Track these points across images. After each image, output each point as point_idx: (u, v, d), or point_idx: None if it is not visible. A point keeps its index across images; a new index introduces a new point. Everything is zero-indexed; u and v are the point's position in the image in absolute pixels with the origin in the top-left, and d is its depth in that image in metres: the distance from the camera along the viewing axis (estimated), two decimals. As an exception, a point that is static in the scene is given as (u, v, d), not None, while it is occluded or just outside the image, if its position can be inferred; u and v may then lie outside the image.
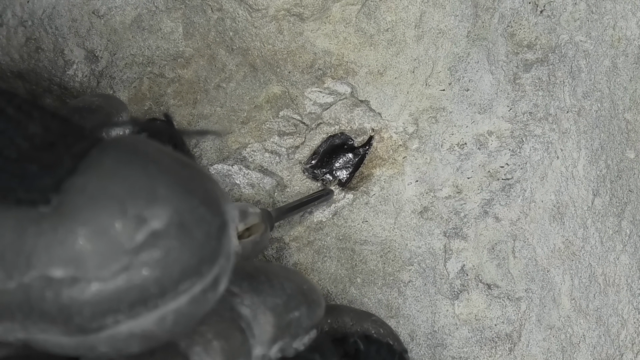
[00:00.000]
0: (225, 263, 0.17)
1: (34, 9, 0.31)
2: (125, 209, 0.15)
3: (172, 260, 0.15)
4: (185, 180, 0.16)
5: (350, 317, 0.27)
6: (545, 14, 0.35)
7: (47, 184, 0.15)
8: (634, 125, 0.35)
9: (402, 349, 0.27)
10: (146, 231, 0.15)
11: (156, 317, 0.16)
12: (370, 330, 0.27)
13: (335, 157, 0.34)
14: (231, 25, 0.32)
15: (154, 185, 0.16)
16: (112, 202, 0.15)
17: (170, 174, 0.16)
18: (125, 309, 0.15)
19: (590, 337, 0.35)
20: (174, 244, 0.16)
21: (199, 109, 0.33)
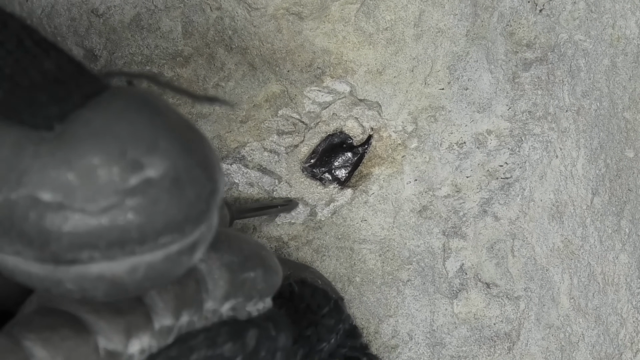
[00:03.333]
0: (206, 231, 0.17)
1: (33, 8, 0.31)
2: (124, 151, 0.15)
3: (159, 211, 0.16)
4: (187, 139, 0.17)
5: (288, 266, 0.27)
6: (544, 12, 0.34)
7: (53, 113, 0.15)
8: (633, 124, 0.35)
9: (338, 297, 0.27)
10: (140, 176, 0.15)
11: (129, 265, 0.16)
12: (307, 278, 0.27)
13: (334, 156, 0.34)
14: (230, 24, 0.32)
15: (157, 136, 0.16)
16: (113, 140, 0.15)
17: (174, 130, 0.16)
18: (102, 247, 0.15)
19: (589, 336, 0.35)
20: (165, 195, 0.16)
21: (198, 108, 0.33)
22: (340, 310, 0.26)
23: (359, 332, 0.27)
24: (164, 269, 0.17)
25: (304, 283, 0.26)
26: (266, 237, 0.34)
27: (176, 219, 0.16)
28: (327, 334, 0.25)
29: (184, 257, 0.17)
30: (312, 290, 0.26)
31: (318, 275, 0.27)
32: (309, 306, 0.25)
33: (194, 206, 0.16)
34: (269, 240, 0.34)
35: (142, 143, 0.16)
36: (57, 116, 0.15)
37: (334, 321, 0.25)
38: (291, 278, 0.26)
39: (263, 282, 0.21)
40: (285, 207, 0.32)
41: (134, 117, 0.16)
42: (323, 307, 0.25)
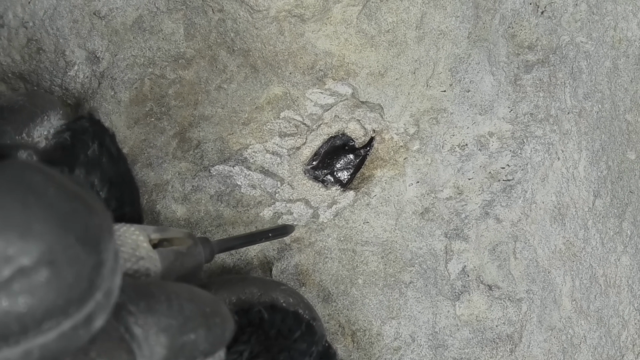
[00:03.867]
0: (102, 299, 0.16)
1: (35, 10, 0.31)
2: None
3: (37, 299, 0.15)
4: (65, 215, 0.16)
5: (257, 287, 0.26)
6: (546, 15, 0.35)
7: None
8: (634, 127, 0.35)
9: (311, 317, 0.26)
10: (13, 267, 0.15)
11: (19, 352, 0.15)
12: (279, 299, 0.26)
13: (336, 158, 0.34)
14: (232, 27, 0.32)
15: (30, 219, 0.15)
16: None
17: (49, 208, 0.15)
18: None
19: (591, 338, 0.35)
20: (41, 282, 0.15)
21: (200, 110, 0.33)
22: (312, 332, 0.26)
23: (333, 352, 0.27)
24: (60, 346, 0.16)
25: (273, 308, 0.25)
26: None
27: (57, 303, 0.15)
28: (301, 357, 0.25)
29: (81, 331, 0.16)
30: (282, 315, 0.25)
31: (289, 293, 0.27)
32: (280, 331, 0.25)
33: (75, 287, 0.15)
34: (271, 243, 0.34)
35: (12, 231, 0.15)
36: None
37: (306, 345, 0.25)
38: (261, 304, 0.25)
39: (205, 343, 0.20)
40: (279, 234, 0.31)
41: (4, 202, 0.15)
42: (295, 331, 0.25)
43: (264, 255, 0.34)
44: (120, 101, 0.32)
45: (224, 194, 0.33)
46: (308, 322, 0.26)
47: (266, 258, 0.34)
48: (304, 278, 0.34)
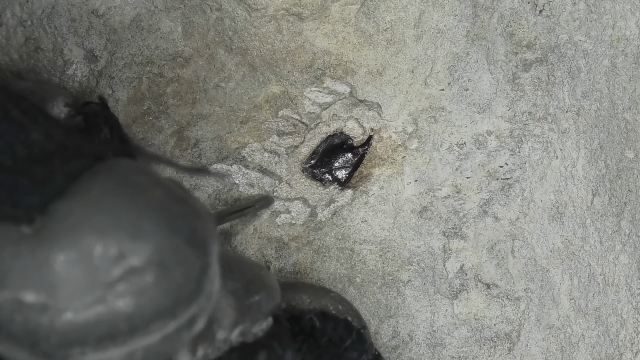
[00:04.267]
0: (205, 302, 0.17)
1: (33, 8, 0.31)
2: (105, 242, 0.15)
3: (146, 300, 0.15)
4: (173, 217, 0.16)
5: (307, 294, 0.26)
6: (544, 13, 0.35)
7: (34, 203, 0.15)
8: (633, 125, 0.35)
9: (360, 326, 0.26)
10: (124, 267, 0.15)
11: (124, 352, 0.15)
12: (329, 306, 0.26)
13: (335, 157, 0.34)
14: (230, 25, 0.32)
15: (139, 220, 0.15)
16: (93, 233, 0.15)
17: (158, 210, 0.16)
18: (92, 342, 0.15)
19: (589, 336, 0.35)
20: (151, 283, 0.15)
21: (198, 108, 0.33)
22: (363, 341, 0.26)
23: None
24: (163, 348, 0.16)
25: (325, 315, 0.26)
26: (267, 238, 0.34)
27: (165, 304, 0.15)
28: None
29: (183, 334, 0.16)
30: (334, 323, 0.25)
31: (339, 300, 0.27)
32: (331, 340, 0.25)
33: (184, 288, 0.16)
34: (270, 241, 0.34)
35: (123, 230, 0.15)
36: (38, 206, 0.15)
37: (356, 353, 0.25)
38: (312, 311, 0.26)
39: (267, 304, 0.21)
40: (262, 204, 0.32)
41: (114, 202, 0.15)
42: (346, 339, 0.25)
43: (262, 254, 0.34)
44: (118, 100, 0.32)
45: (222, 192, 0.33)
46: (358, 331, 0.26)
47: (264, 257, 0.34)
48: (302, 277, 0.34)
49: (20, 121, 0.16)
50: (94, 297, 0.15)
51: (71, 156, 0.16)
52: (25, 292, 0.15)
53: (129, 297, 0.15)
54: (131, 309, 0.15)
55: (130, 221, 0.15)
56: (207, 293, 0.17)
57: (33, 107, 0.16)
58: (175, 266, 0.15)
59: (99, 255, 0.15)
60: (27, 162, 0.15)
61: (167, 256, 0.15)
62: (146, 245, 0.15)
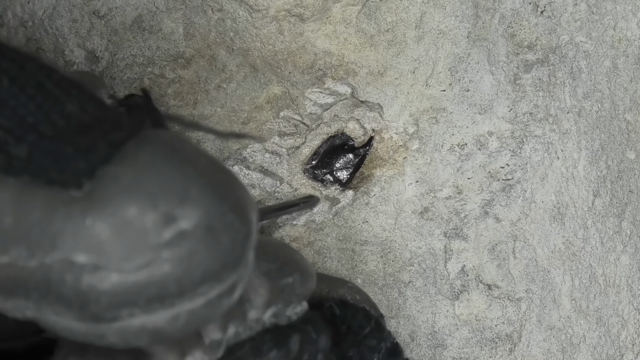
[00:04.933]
0: (243, 271, 0.17)
1: (34, 9, 0.31)
2: (156, 205, 0.15)
3: (195, 262, 0.15)
4: (218, 184, 0.16)
5: (325, 283, 0.26)
6: (545, 14, 0.35)
7: (80, 168, 0.15)
8: (634, 126, 0.35)
9: (378, 315, 0.27)
10: (174, 229, 0.15)
11: (170, 315, 0.16)
12: (346, 295, 0.27)
13: (336, 158, 0.34)
14: (232, 26, 0.32)
15: (188, 185, 0.16)
16: (144, 196, 0.15)
17: (204, 176, 0.16)
18: (142, 303, 0.15)
19: (590, 337, 0.35)
20: (200, 246, 0.15)
21: (200, 109, 0.33)
22: (381, 329, 0.26)
23: (400, 349, 0.27)
24: (205, 314, 0.16)
25: (344, 304, 0.26)
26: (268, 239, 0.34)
27: (213, 267, 0.16)
28: (370, 354, 0.25)
29: (224, 300, 0.17)
30: (353, 311, 0.26)
31: (356, 291, 0.27)
32: (351, 327, 0.25)
33: (230, 253, 0.16)
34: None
35: (173, 195, 0.15)
36: (85, 172, 0.15)
37: (375, 341, 0.25)
38: (331, 300, 0.26)
39: (301, 287, 0.21)
40: (307, 204, 0.32)
41: (163, 167, 0.16)
42: (365, 327, 0.25)
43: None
44: (119, 101, 0.32)
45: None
46: (377, 319, 0.26)
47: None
48: (303, 277, 0.34)
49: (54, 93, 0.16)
50: (144, 259, 0.15)
51: (110, 128, 0.16)
52: (77, 253, 0.15)
53: (178, 259, 0.15)
54: (181, 271, 0.15)
55: (179, 186, 0.16)
56: (247, 261, 0.17)
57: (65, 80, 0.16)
58: (223, 231, 0.16)
59: (150, 217, 0.15)
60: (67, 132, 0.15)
61: (215, 221, 0.16)
62: (195, 210, 0.15)
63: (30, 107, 0.15)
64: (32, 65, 0.16)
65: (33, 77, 0.16)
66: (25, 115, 0.15)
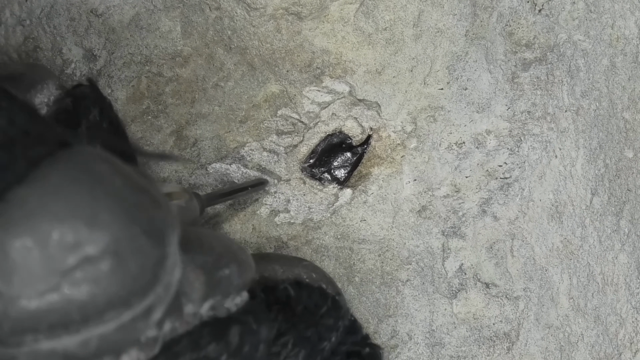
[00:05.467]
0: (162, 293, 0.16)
1: (32, 8, 0.31)
2: (61, 230, 0.15)
3: (100, 289, 0.15)
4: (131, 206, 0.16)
5: (280, 264, 0.26)
6: (543, 13, 0.35)
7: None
8: (632, 125, 0.35)
9: (335, 292, 0.26)
10: (79, 255, 0.15)
11: (78, 341, 0.15)
12: (302, 275, 0.26)
13: (334, 156, 0.34)
14: (229, 24, 0.32)
15: (97, 209, 0.15)
16: (49, 220, 0.15)
17: (116, 199, 0.16)
18: (44, 329, 0.15)
19: (588, 336, 0.35)
20: (105, 272, 0.15)
21: (197, 107, 0.33)
22: (338, 307, 0.26)
23: (358, 326, 0.27)
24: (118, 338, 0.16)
25: (299, 284, 0.25)
26: (265, 237, 0.34)
27: (119, 294, 0.15)
28: (328, 333, 0.25)
29: (139, 324, 0.16)
30: (308, 291, 0.25)
31: (312, 269, 0.27)
32: (307, 308, 0.25)
33: (139, 279, 0.16)
34: (269, 240, 0.34)
35: (79, 219, 0.15)
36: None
37: (333, 320, 0.25)
38: (285, 281, 0.25)
39: (238, 278, 0.21)
40: (256, 187, 0.32)
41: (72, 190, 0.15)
42: (321, 306, 0.25)
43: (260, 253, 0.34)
44: (117, 99, 0.32)
45: (221, 191, 0.33)
46: (333, 297, 0.26)
47: (263, 256, 0.34)
48: (301, 276, 0.34)
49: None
50: (48, 285, 0.15)
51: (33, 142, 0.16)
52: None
53: (82, 286, 0.15)
54: (84, 298, 0.15)
55: (87, 209, 0.15)
56: (164, 284, 0.17)
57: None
58: (131, 256, 0.15)
59: (54, 242, 0.15)
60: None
61: (123, 246, 0.15)
62: (102, 235, 0.15)
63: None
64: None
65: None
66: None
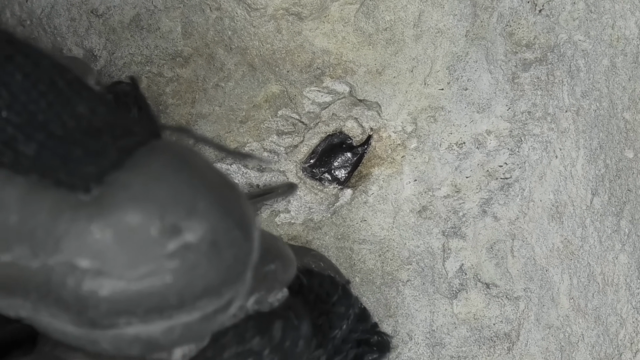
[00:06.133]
0: (241, 288, 0.17)
1: (32, 8, 0.31)
2: (163, 215, 0.15)
3: (197, 276, 0.15)
4: (226, 200, 0.16)
5: None
6: (544, 13, 0.35)
7: (90, 172, 0.15)
8: (632, 125, 0.35)
9: (344, 281, 0.27)
10: (179, 241, 0.15)
11: (166, 327, 0.16)
12: (311, 264, 0.27)
13: (334, 156, 0.34)
14: (230, 25, 0.32)
15: (196, 199, 0.16)
16: (152, 205, 0.15)
17: (213, 191, 0.16)
18: (140, 313, 0.15)
19: (589, 336, 0.35)
20: (203, 260, 0.15)
21: (198, 108, 0.33)
22: (349, 295, 0.26)
23: (368, 314, 0.27)
24: (199, 328, 0.16)
25: (310, 273, 0.26)
26: (266, 238, 0.34)
27: (214, 282, 0.16)
28: (339, 321, 0.25)
29: (219, 315, 0.17)
30: (319, 279, 0.26)
31: (319, 258, 0.27)
32: (319, 296, 0.25)
33: (232, 269, 0.16)
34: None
35: (181, 206, 0.15)
36: (94, 176, 0.15)
37: (344, 308, 0.25)
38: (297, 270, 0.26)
39: (283, 273, 0.21)
40: (285, 192, 0.32)
41: (173, 178, 0.16)
42: (332, 295, 0.25)
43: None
44: (117, 99, 0.32)
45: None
46: (344, 286, 0.26)
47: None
48: (302, 276, 0.34)
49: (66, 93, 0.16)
50: (148, 268, 0.15)
51: (121, 133, 0.16)
52: (80, 258, 0.15)
53: (181, 271, 0.15)
54: (182, 283, 0.15)
55: (188, 198, 0.15)
56: (246, 278, 0.17)
57: (77, 80, 0.16)
58: (227, 247, 0.16)
59: (156, 227, 0.15)
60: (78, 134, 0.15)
61: (220, 236, 0.16)
62: (201, 224, 0.15)
63: (42, 105, 0.15)
64: (46, 62, 0.16)
65: (46, 75, 0.16)
66: (35, 112, 0.15)
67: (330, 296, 0.25)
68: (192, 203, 0.15)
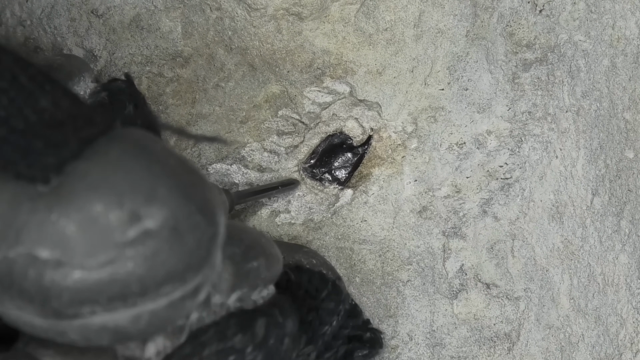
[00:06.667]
0: (209, 273, 0.17)
1: (32, 8, 0.31)
2: (122, 203, 0.15)
3: (159, 262, 0.15)
4: (186, 185, 0.16)
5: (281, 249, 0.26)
6: (544, 13, 0.35)
7: (49, 163, 0.15)
8: (633, 125, 0.35)
9: (335, 277, 0.27)
10: (139, 228, 0.15)
11: (132, 315, 0.16)
12: (302, 261, 0.26)
13: (334, 157, 0.34)
14: (230, 25, 0.32)
15: (155, 185, 0.16)
16: (110, 193, 0.15)
17: (173, 176, 0.16)
18: (103, 301, 0.15)
19: (589, 336, 0.35)
20: (164, 246, 0.15)
21: (198, 108, 0.33)
22: (339, 291, 0.26)
23: (359, 310, 0.27)
24: (167, 315, 0.16)
25: (299, 269, 0.26)
26: (266, 238, 0.34)
27: (177, 268, 0.16)
28: (329, 317, 0.25)
29: (188, 302, 0.17)
30: (309, 275, 0.26)
31: (312, 255, 0.27)
32: (308, 292, 0.25)
33: (195, 254, 0.16)
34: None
35: (139, 193, 0.15)
36: (53, 167, 0.15)
37: (333, 304, 0.25)
38: (286, 266, 0.25)
39: (266, 271, 0.21)
40: (287, 187, 0.32)
41: (131, 166, 0.16)
42: (322, 290, 0.25)
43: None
44: (117, 99, 0.32)
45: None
46: (334, 282, 0.26)
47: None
48: (302, 276, 0.34)
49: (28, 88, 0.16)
50: (108, 256, 0.15)
51: (82, 124, 0.16)
52: (41, 248, 0.15)
53: (142, 258, 0.15)
54: (144, 270, 0.15)
55: (147, 185, 0.15)
56: (213, 263, 0.17)
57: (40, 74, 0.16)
58: (188, 232, 0.16)
59: (115, 215, 0.15)
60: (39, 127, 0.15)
61: (180, 222, 0.16)
62: (161, 210, 0.15)
63: (3, 101, 0.15)
64: (7, 58, 0.16)
65: (7, 71, 0.16)
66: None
67: (319, 292, 0.25)
68: (151, 189, 0.15)
